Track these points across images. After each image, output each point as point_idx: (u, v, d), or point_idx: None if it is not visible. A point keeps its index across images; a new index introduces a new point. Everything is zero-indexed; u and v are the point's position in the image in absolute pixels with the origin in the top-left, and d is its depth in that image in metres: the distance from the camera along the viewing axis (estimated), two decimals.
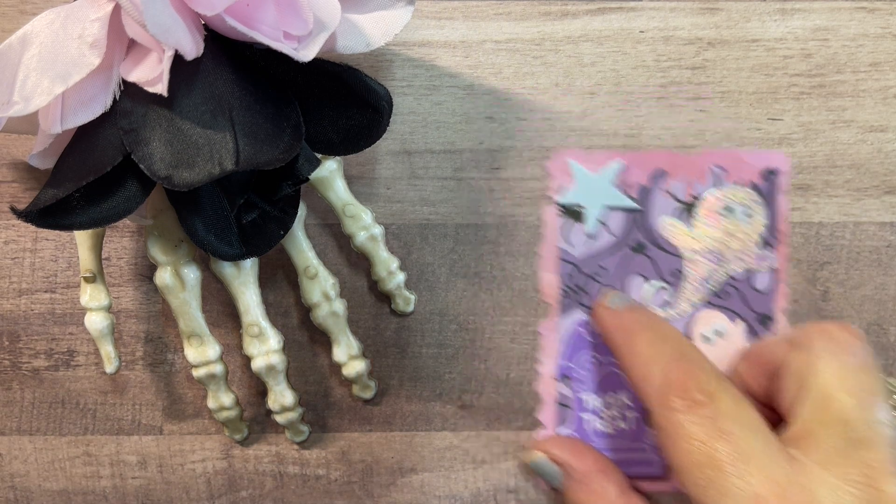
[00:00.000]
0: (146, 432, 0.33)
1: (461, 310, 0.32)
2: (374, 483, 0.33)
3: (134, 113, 0.23)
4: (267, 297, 0.32)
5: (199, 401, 0.33)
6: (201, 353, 0.29)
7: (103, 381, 0.33)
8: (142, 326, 0.33)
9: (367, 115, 0.25)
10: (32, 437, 0.33)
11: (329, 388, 0.33)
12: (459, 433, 0.33)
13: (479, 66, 0.32)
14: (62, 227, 0.23)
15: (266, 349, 0.29)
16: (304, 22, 0.23)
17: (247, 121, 0.23)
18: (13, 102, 0.22)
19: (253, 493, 0.33)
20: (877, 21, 0.32)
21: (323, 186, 0.30)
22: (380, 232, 0.30)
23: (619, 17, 0.32)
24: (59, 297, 0.32)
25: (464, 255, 0.32)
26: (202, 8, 0.22)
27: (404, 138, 0.32)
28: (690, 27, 0.32)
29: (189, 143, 0.22)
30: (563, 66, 0.32)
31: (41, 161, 0.25)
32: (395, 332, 0.33)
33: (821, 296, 0.32)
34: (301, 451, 0.33)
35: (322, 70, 0.24)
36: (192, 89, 0.23)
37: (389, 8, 0.26)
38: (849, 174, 0.32)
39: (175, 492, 0.33)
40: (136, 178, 0.24)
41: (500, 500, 0.33)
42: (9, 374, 0.33)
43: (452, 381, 0.33)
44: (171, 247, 0.28)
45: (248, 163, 0.22)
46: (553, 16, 0.32)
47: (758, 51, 0.32)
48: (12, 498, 0.33)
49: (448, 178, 0.32)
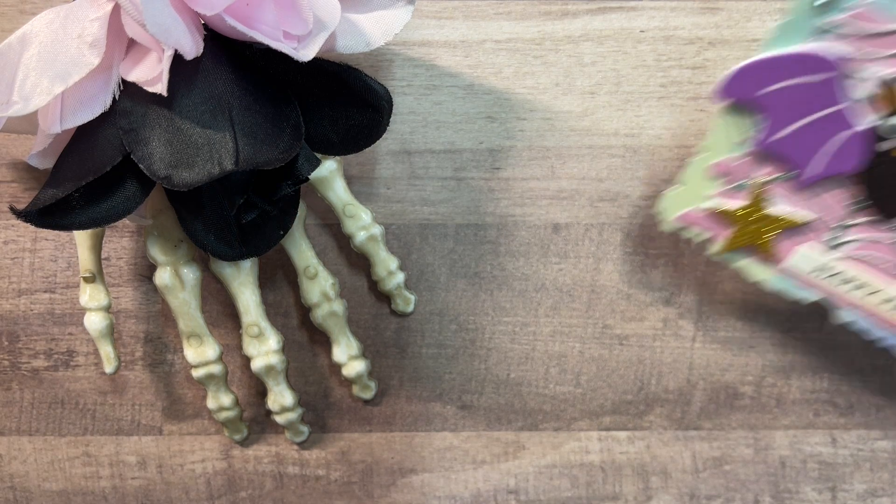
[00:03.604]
0: (146, 433, 0.33)
1: (461, 310, 0.32)
2: (374, 483, 0.33)
3: (133, 113, 0.23)
4: (267, 297, 0.32)
5: (199, 401, 0.33)
6: (201, 354, 0.29)
7: (103, 382, 0.33)
8: (141, 326, 0.33)
9: (367, 115, 0.25)
10: (32, 437, 0.33)
11: (329, 389, 0.33)
12: (459, 433, 0.33)
13: (479, 66, 0.32)
14: (62, 227, 0.23)
15: (266, 349, 0.29)
16: (304, 21, 0.23)
17: (246, 121, 0.23)
18: (13, 102, 0.22)
19: (253, 493, 0.33)
20: None
21: (323, 186, 0.30)
22: (379, 232, 0.30)
23: (620, 16, 0.32)
24: (58, 297, 0.32)
25: (464, 255, 0.32)
26: (202, 8, 0.22)
27: (404, 138, 0.32)
28: (691, 27, 0.32)
29: (189, 143, 0.22)
30: (564, 65, 0.32)
31: (41, 161, 0.25)
32: (395, 332, 0.33)
33: None
34: (301, 451, 0.33)
35: (322, 70, 0.24)
36: (192, 89, 0.23)
37: (389, 7, 0.26)
38: None
39: (175, 492, 0.33)
40: (136, 178, 0.24)
41: (499, 501, 0.33)
42: (8, 375, 0.33)
43: (452, 381, 0.33)
44: (170, 247, 0.28)
45: (247, 163, 0.22)
46: (553, 15, 0.32)
47: (758, 51, 0.32)
48: (12, 498, 0.33)
49: (448, 178, 0.32)
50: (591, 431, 0.33)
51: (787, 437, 0.33)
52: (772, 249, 0.28)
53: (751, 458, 0.33)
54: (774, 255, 0.28)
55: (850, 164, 0.26)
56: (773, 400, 0.33)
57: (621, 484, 0.33)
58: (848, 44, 0.25)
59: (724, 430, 0.33)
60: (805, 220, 0.27)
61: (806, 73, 0.25)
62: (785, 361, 0.32)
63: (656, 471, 0.33)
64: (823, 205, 0.27)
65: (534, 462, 0.33)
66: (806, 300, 0.28)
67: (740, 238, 0.28)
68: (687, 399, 0.33)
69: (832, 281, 0.27)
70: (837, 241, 0.27)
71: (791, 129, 0.26)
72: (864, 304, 0.28)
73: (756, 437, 0.33)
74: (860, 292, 0.28)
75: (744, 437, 0.33)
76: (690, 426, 0.33)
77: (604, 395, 0.33)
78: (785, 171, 0.27)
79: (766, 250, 0.28)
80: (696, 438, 0.33)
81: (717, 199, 0.28)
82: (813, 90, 0.25)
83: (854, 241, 0.27)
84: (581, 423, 0.33)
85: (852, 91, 0.25)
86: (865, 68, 0.25)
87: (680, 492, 0.33)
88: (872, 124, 0.25)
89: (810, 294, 0.28)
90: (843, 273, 0.27)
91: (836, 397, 0.33)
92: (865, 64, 0.25)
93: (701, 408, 0.33)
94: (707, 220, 0.28)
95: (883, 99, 0.25)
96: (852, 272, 0.27)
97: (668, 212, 0.29)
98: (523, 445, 0.33)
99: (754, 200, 0.27)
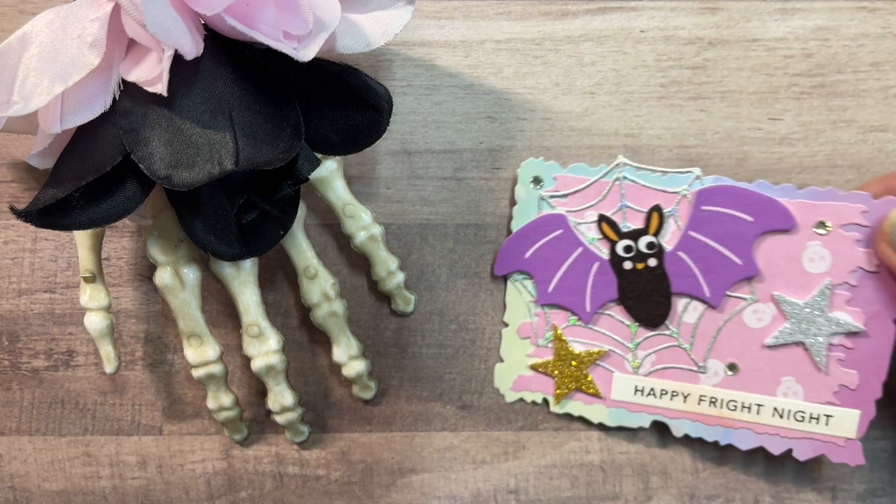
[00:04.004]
0: (146, 432, 0.33)
1: (461, 310, 0.32)
2: (374, 483, 0.33)
3: (134, 113, 0.23)
4: (267, 297, 0.32)
5: (199, 401, 0.33)
6: (201, 354, 0.29)
7: (103, 382, 0.33)
8: (141, 326, 0.33)
9: (367, 115, 0.25)
10: (32, 437, 0.33)
11: (329, 389, 0.33)
12: (459, 433, 0.33)
13: (479, 66, 0.32)
14: (62, 227, 0.23)
15: (266, 349, 0.29)
16: (304, 22, 0.23)
17: (247, 121, 0.23)
18: (13, 102, 0.22)
19: (253, 493, 0.33)
20: (877, 21, 0.31)
21: (323, 186, 0.30)
22: (379, 232, 0.30)
23: (620, 16, 0.32)
24: (58, 297, 0.32)
25: (464, 255, 0.32)
26: (202, 8, 0.22)
27: (404, 138, 0.32)
28: (691, 27, 0.32)
29: (189, 143, 0.22)
30: (564, 65, 0.32)
31: (41, 161, 0.25)
32: (395, 332, 0.33)
33: None
34: (301, 451, 0.33)
35: (322, 70, 0.24)
36: (192, 89, 0.23)
37: (389, 7, 0.26)
38: (849, 174, 0.32)
39: (175, 492, 0.33)
40: (136, 178, 0.24)
41: (499, 501, 0.33)
42: (8, 375, 0.33)
43: (452, 381, 0.33)
44: (170, 247, 0.28)
45: (247, 163, 0.22)
46: (553, 15, 0.32)
47: (758, 50, 0.32)
48: (12, 498, 0.33)
49: (448, 178, 0.32)
50: (591, 431, 0.33)
51: None
52: (594, 386, 0.31)
53: (751, 458, 0.33)
54: (599, 392, 0.31)
55: (611, 291, 0.31)
56: None
57: (621, 484, 0.33)
58: (565, 203, 0.31)
59: None
60: (604, 350, 0.31)
61: (547, 233, 0.31)
62: None
63: (656, 471, 0.33)
64: (612, 332, 0.31)
65: (534, 462, 0.33)
66: (642, 426, 0.31)
67: (564, 384, 0.31)
68: None
69: (651, 399, 0.31)
70: (637, 361, 0.31)
71: (556, 279, 0.31)
72: (685, 410, 0.31)
73: None
74: (676, 400, 0.31)
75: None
76: None
77: None
78: (570, 315, 0.31)
79: (590, 388, 0.31)
80: None
81: (532, 358, 0.32)
82: (557, 244, 0.31)
83: (647, 357, 0.31)
84: (581, 423, 0.33)
85: (585, 235, 0.31)
86: (583, 216, 0.31)
87: (680, 492, 0.33)
88: (609, 254, 0.30)
89: (643, 419, 0.31)
90: (654, 387, 0.31)
91: None
92: (582, 213, 0.31)
93: None
94: (535, 380, 0.32)
95: (605, 233, 0.30)
96: (661, 384, 0.31)
97: (503, 386, 0.32)
98: (523, 445, 0.33)
99: (558, 348, 0.31)
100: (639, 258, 0.30)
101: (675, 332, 0.30)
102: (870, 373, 0.29)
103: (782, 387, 0.30)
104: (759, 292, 0.30)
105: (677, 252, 0.30)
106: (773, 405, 0.30)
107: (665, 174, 0.30)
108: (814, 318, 0.29)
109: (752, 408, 0.30)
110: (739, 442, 0.31)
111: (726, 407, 0.30)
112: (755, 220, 0.29)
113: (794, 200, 0.29)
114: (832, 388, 0.30)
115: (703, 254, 0.30)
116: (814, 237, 0.29)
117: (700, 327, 0.30)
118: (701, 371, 0.31)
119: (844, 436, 0.30)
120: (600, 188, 0.30)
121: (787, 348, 0.30)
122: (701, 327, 0.30)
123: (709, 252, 0.30)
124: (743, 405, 0.30)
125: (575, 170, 0.31)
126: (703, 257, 0.30)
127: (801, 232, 0.29)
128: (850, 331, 0.29)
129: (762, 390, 0.30)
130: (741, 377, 0.30)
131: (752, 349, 0.30)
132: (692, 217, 0.30)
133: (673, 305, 0.30)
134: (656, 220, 0.30)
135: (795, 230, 0.29)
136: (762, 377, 0.30)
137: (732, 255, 0.29)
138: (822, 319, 0.29)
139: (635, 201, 0.30)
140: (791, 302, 0.29)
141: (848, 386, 0.30)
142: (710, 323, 0.30)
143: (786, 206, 0.29)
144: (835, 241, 0.29)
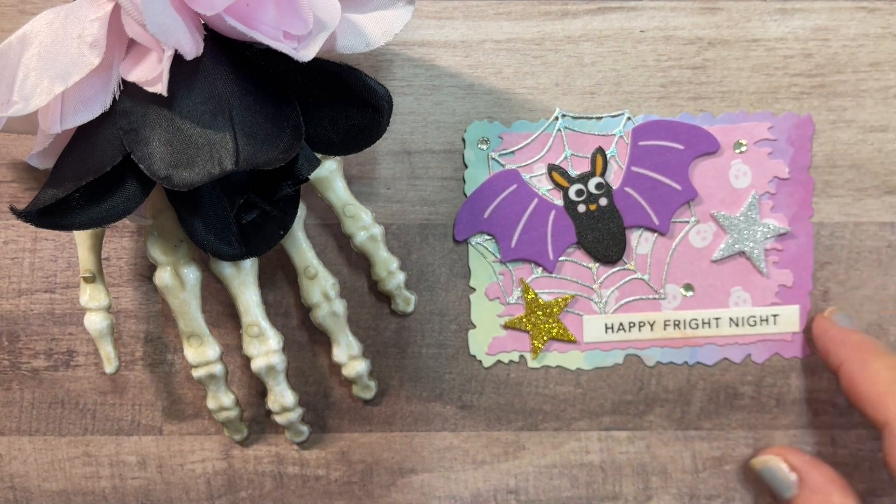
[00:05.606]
0: (146, 433, 0.33)
1: (461, 310, 0.32)
2: (374, 483, 0.33)
3: (134, 113, 0.23)
4: (267, 297, 0.32)
5: (199, 401, 0.33)
6: (201, 354, 0.29)
7: (103, 382, 0.33)
8: (141, 326, 0.33)
9: (367, 115, 0.25)
10: (32, 437, 0.33)
11: (329, 389, 0.33)
12: (459, 433, 0.33)
13: (479, 66, 0.32)
14: (62, 227, 0.23)
15: (266, 349, 0.29)
16: (304, 22, 0.23)
17: (247, 121, 0.23)
18: (13, 102, 0.22)
19: (253, 493, 0.33)
20: (877, 21, 0.31)
21: (323, 186, 0.30)
22: (379, 232, 0.30)
23: (620, 16, 0.32)
24: (58, 297, 0.32)
25: (464, 255, 0.32)
26: (202, 8, 0.22)
27: (404, 138, 0.32)
28: (691, 27, 0.32)
29: (189, 143, 0.22)
30: (564, 65, 0.32)
31: (41, 161, 0.25)
32: (395, 332, 0.33)
33: (821, 296, 0.32)
34: (301, 451, 0.33)
35: (322, 70, 0.24)
36: (192, 89, 0.23)
37: (389, 7, 0.26)
38: (849, 174, 0.32)
39: (175, 492, 0.33)
40: (136, 178, 0.24)
41: (499, 501, 0.33)
42: (8, 375, 0.33)
43: (452, 381, 0.33)
44: (170, 247, 0.28)
45: (248, 163, 0.22)
46: (553, 15, 0.32)
47: (758, 50, 0.32)
48: (12, 498, 0.33)
49: (448, 178, 0.32)
50: (591, 431, 0.33)
51: (787, 437, 0.33)
52: (568, 333, 0.32)
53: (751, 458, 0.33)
54: (573, 338, 0.32)
55: (570, 236, 0.32)
56: (773, 400, 0.33)
57: (621, 484, 0.33)
58: (514, 160, 0.32)
59: (723, 430, 0.33)
60: (571, 295, 0.32)
61: (502, 190, 0.32)
62: (784, 361, 0.32)
63: (656, 471, 0.33)
64: (576, 277, 0.32)
65: (534, 462, 0.33)
66: (617, 363, 0.32)
67: (540, 336, 0.32)
68: (687, 399, 0.33)
69: (621, 334, 0.32)
70: (603, 300, 0.32)
71: (517, 233, 0.32)
72: (653, 338, 0.32)
73: (756, 437, 0.33)
74: (644, 330, 0.32)
75: (744, 437, 0.33)
76: (690, 426, 0.33)
77: (603, 394, 0.33)
78: (534, 266, 0.32)
79: (565, 336, 0.32)
80: (696, 438, 0.33)
81: (504, 318, 0.32)
82: (513, 199, 0.32)
83: (611, 294, 0.32)
84: (581, 423, 0.33)
85: (537, 188, 0.32)
86: (533, 169, 0.32)
87: (680, 492, 0.33)
88: (564, 200, 0.32)
89: (616, 356, 0.32)
90: (622, 321, 0.32)
91: (836, 397, 0.33)
92: (531, 167, 0.32)
93: (701, 408, 0.33)
94: (510, 339, 0.32)
95: (556, 181, 0.31)
96: (628, 318, 0.32)
97: (478, 352, 0.32)
98: (523, 445, 0.33)
99: (529, 301, 0.32)
100: (591, 199, 0.32)
101: (632, 265, 0.32)
102: (801, 269, 0.32)
103: (733, 297, 0.32)
104: (699, 214, 0.32)
105: (624, 188, 0.32)
106: (728, 315, 0.32)
107: (600, 119, 0.32)
108: (748, 227, 0.32)
109: (711, 322, 0.32)
110: (706, 358, 0.32)
111: (689, 327, 0.32)
112: (686, 147, 0.31)
113: (714, 126, 0.32)
114: (773, 290, 0.32)
115: (646, 186, 0.31)
116: (735, 156, 0.32)
117: (653, 256, 0.32)
118: (661, 297, 0.32)
119: (791, 331, 0.32)
120: (544, 140, 0.32)
121: (731, 260, 0.32)
122: (654, 256, 0.32)
123: (651, 183, 0.31)
124: (703, 321, 0.32)
125: (518, 126, 0.32)
126: (648, 189, 0.32)
127: (724, 153, 0.32)
128: (779, 233, 0.32)
129: (717, 304, 0.32)
130: (697, 296, 0.32)
131: (702, 267, 0.32)
132: (631, 154, 0.32)
133: (627, 240, 0.32)
134: (601, 162, 0.31)
135: (720, 152, 0.32)
136: (714, 292, 0.32)
137: (672, 182, 0.31)
138: (756, 227, 0.32)
139: (578, 148, 0.32)
140: (727, 217, 0.32)
141: (786, 284, 0.32)
142: (661, 250, 0.32)
143: (709, 131, 0.31)
144: (752, 157, 0.32)
